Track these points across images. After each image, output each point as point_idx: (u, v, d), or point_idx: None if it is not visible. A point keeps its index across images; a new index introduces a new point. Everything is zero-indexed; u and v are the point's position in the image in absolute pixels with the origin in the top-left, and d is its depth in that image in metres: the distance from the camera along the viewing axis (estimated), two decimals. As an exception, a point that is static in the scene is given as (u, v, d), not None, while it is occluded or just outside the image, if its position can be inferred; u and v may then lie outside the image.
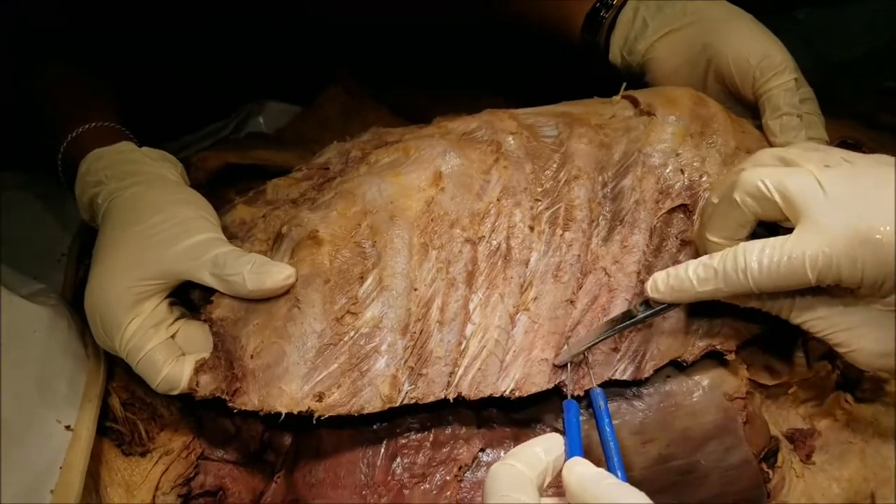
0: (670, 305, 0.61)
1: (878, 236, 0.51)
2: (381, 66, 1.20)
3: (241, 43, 1.12)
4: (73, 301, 0.81)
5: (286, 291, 0.64)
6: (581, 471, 0.52)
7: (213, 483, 0.72)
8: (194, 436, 0.72)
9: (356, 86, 1.15)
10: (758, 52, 0.74)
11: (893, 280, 0.52)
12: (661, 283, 0.60)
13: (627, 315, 0.63)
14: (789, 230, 0.55)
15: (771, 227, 0.58)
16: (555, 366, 0.64)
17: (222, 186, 0.93)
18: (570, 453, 0.56)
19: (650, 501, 0.49)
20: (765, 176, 0.56)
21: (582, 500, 0.51)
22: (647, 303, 0.62)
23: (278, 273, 0.64)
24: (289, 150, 1.00)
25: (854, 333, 0.57)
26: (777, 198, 0.55)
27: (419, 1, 1.09)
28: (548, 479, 0.54)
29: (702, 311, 0.66)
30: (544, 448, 0.55)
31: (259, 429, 0.74)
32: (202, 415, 0.74)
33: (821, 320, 0.58)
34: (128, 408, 0.72)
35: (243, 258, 0.64)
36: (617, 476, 0.57)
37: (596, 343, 0.64)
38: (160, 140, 0.80)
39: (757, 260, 0.54)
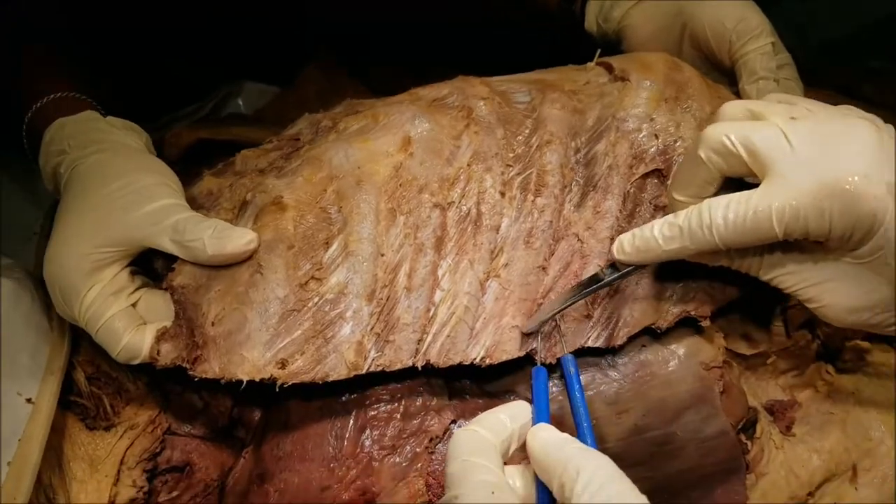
0: (637, 267, 0.60)
1: (846, 187, 0.49)
2: (382, 64, 1.19)
3: (222, 23, 1.10)
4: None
5: (248, 257, 0.63)
6: (545, 436, 0.51)
7: (180, 458, 0.70)
8: (160, 410, 0.70)
9: (335, 64, 1.14)
10: (734, 16, 0.72)
11: (862, 232, 0.50)
12: (627, 244, 0.59)
13: (594, 279, 0.61)
14: (755, 186, 0.53)
15: (737, 185, 0.56)
16: (524, 334, 0.63)
17: (196, 164, 0.92)
18: (536, 421, 0.55)
19: (615, 466, 0.47)
20: (729, 131, 0.54)
21: (545, 466, 0.49)
22: (614, 266, 0.61)
23: (239, 238, 0.62)
24: (265, 127, 0.99)
25: (824, 288, 0.55)
26: (742, 152, 0.53)
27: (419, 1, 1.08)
28: (513, 447, 0.53)
29: (675, 275, 0.64)
30: (510, 415, 0.54)
31: (228, 404, 0.72)
32: (169, 389, 0.72)
33: (790, 276, 0.57)
34: (93, 382, 0.70)
35: (204, 223, 0.62)
36: (587, 442, 0.56)
37: (563, 309, 0.62)
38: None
39: (722, 215, 0.53)
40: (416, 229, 0.64)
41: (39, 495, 0.65)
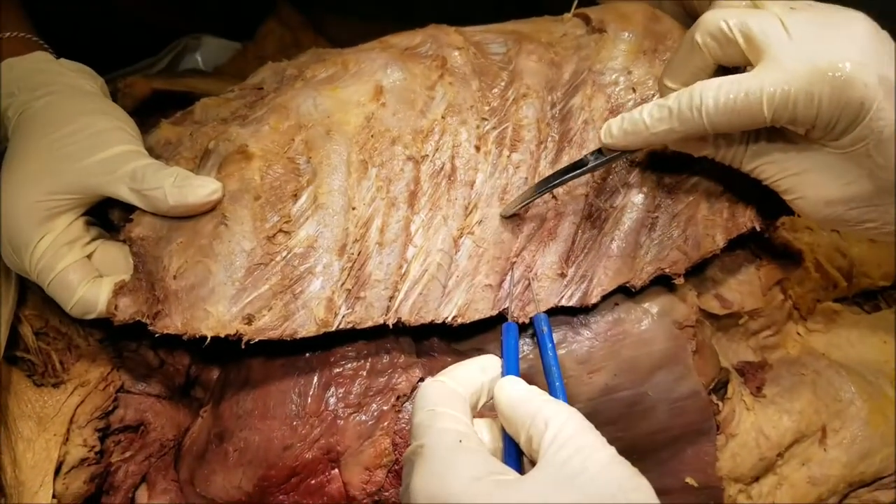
0: (623, 153, 0.59)
1: (837, 73, 0.50)
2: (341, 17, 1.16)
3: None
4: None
5: (212, 208, 0.60)
6: (513, 389, 0.49)
7: (134, 417, 0.67)
8: (113, 368, 0.68)
9: (296, 18, 1.10)
10: None
11: (848, 120, 0.51)
12: (615, 127, 0.58)
13: (579, 163, 0.60)
14: None
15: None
16: (501, 216, 0.62)
17: (151, 116, 0.88)
18: (505, 375, 0.53)
19: (584, 419, 0.46)
20: (727, 16, 0.54)
21: (513, 419, 0.48)
22: (601, 151, 0.60)
23: (202, 187, 0.59)
24: (224, 80, 0.95)
25: (803, 179, 0.56)
26: (739, 38, 0.53)
27: None
28: (482, 400, 0.51)
29: (650, 232, 0.64)
30: (479, 367, 0.52)
31: (185, 362, 0.70)
32: (122, 347, 0.69)
33: (772, 165, 0.57)
34: (41, 337, 0.67)
35: (164, 171, 0.59)
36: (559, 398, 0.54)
37: (546, 191, 0.61)
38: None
39: (713, 97, 0.52)
40: (389, 182, 0.62)
41: (-17, 455, 0.62)
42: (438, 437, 0.45)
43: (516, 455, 0.49)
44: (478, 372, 0.52)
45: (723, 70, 0.56)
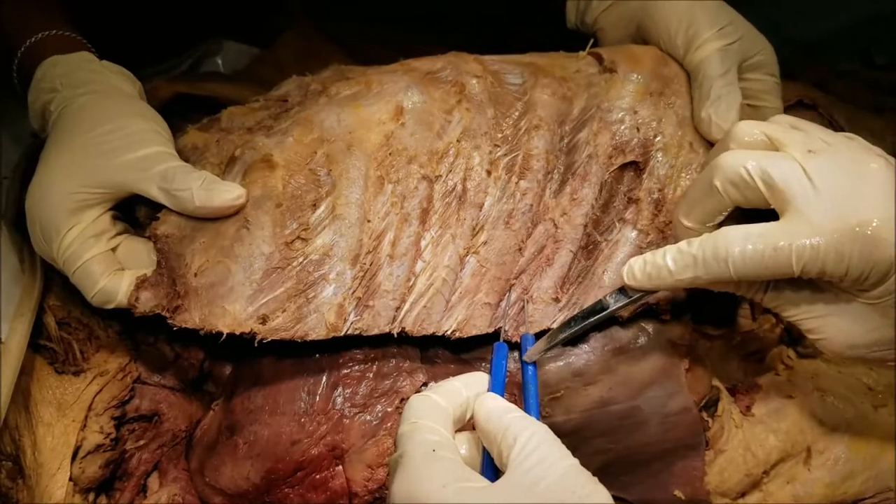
0: (647, 293, 0.59)
1: (867, 231, 0.50)
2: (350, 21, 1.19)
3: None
4: (17, 221, 0.78)
5: (235, 212, 0.63)
6: (490, 404, 0.53)
7: (149, 407, 0.70)
8: (131, 359, 0.71)
9: (313, 29, 1.14)
10: (683, 22, 0.71)
11: (878, 276, 0.51)
12: (638, 270, 0.58)
13: (598, 307, 0.61)
14: (764, 214, 0.54)
15: (745, 212, 0.57)
16: (524, 362, 0.63)
17: (175, 119, 0.91)
18: (490, 391, 0.57)
19: (550, 432, 0.49)
20: (746, 162, 0.54)
21: (487, 433, 0.51)
22: (622, 290, 0.60)
23: (228, 192, 0.62)
24: (243, 85, 0.98)
25: (826, 322, 0.56)
26: (761, 186, 0.54)
27: None
28: (469, 414, 0.55)
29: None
30: (465, 383, 0.56)
31: (199, 357, 0.73)
32: (140, 339, 0.73)
33: (795, 307, 0.58)
34: (63, 327, 0.70)
35: (193, 174, 0.63)
36: (532, 416, 0.58)
37: (566, 338, 0.61)
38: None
39: (739, 248, 0.52)
40: (403, 199, 0.66)
41: (5, 437, 0.65)
42: (416, 447, 0.49)
43: (493, 467, 0.52)
44: (463, 387, 0.55)
45: (741, 210, 0.57)
